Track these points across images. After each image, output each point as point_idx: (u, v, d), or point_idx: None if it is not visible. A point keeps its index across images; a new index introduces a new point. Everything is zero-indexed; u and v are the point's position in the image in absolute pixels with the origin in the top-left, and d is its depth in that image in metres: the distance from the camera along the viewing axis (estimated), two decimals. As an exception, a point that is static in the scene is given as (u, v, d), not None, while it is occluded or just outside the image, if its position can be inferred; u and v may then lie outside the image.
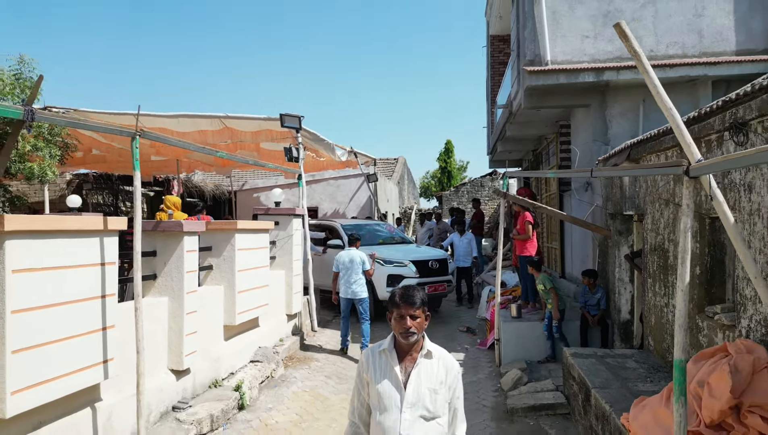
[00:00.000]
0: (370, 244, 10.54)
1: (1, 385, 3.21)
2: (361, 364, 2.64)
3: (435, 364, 2.54)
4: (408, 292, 2.53)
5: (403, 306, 2.49)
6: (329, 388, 6.60)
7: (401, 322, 2.49)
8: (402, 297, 2.51)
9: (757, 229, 3.78)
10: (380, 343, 2.64)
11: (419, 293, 2.53)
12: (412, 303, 2.48)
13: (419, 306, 2.50)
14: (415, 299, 2.50)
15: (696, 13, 8.15)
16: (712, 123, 4.32)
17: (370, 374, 2.56)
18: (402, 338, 2.51)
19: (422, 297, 2.54)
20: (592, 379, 5.06)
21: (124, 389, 4.38)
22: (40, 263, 3.45)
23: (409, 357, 2.56)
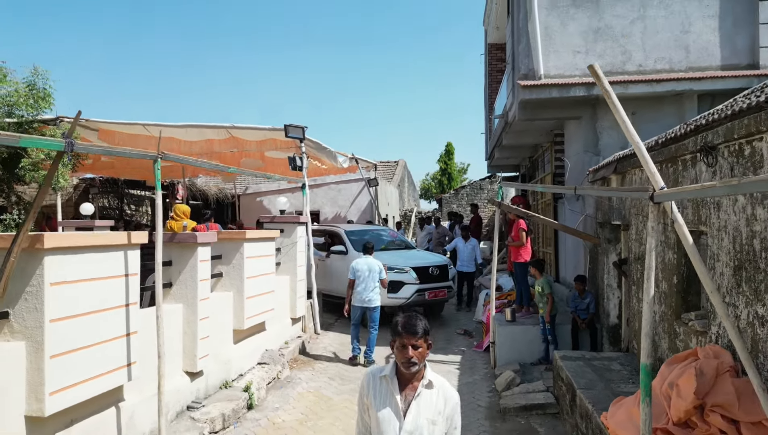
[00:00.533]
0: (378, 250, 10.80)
1: (41, 387, 3.58)
2: (362, 387, 2.66)
3: (435, 394, 2.56)
4: (411, 321, 2.54)
5: (406, 336, 2.50)
6: (332, 389, 6.97)
7: (403, 351, 2.50)
8: (404, 326, 2.52)
9: (724, 244, 4.14)
10: (382, 369, 2.65)
11: (421, 323, 2.55)
12: (414, 333, 2.50)
13: (421, 336, 2.51)
14: (417, 329, 2.51)
15: (683, 29, 8.51)
16: (687, 144, 4.68)
17: (370, 399, 2.59)
18: (404, 368, 2.52)
19: (424, 327, 2.55)
20: (578, 380, 5.43)
21: (144, 390, 4.75)
22: (74, 276, 3.82)
23: (411, 386, 2.58)
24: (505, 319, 8.02)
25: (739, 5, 8.41)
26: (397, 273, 9.86)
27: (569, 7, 8.71)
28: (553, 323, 7.48)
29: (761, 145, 3.60)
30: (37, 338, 3.58)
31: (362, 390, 2.66)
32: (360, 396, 2.69)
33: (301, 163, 9.80)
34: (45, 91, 10.42)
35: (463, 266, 11.90)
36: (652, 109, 8.38)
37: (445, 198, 28.67)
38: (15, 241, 3.34)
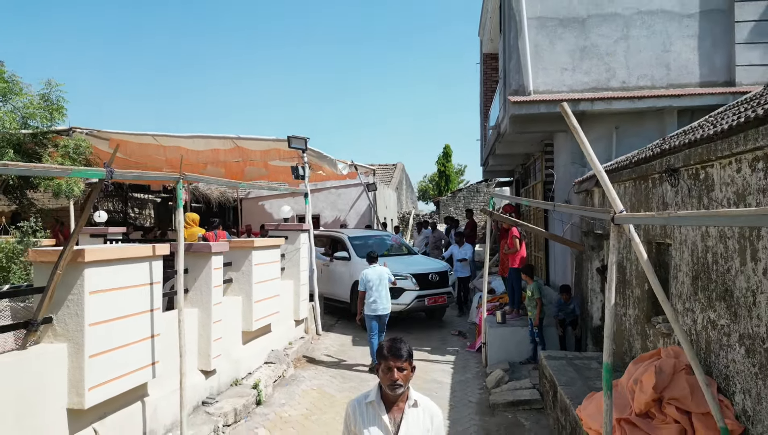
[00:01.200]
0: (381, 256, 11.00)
1: (81, 383, 4.08)
2: (347, 416, 2.71)
3: (421, 413, 2.65)
4: (395, 345, 2.64)
5: (391, 359, 2.58)
6: (334, 387, 7.48)
7: (389, 374, 2.58)
8: (390, 350, 2.61)
9: (684, 256, 4.66)
10: (366, 395, 2.73)
11: (405, 346, 2.65)
12: (399, 356, 2.59)
13: (406, 359, 2.60)
14: (402, 352, 2.60)
15: (664, 48, 9.03)
16: (655, 165, 5.19)
17: (357, 427, 2.64)
18: (389, 390, 2.59)
19: (409, 350, 2.65)
20: (560, 377, 5.94)
21: (165, 387, 5.25)
22: (108, 285, 4.32)
23: (396, 407, 2.65)
24: (496, 321, 8.53)
25: (717, 26, 8.93)
26: (398, 279, 10.26)
27: (557, 26, 9.23)
28: (541, 325, 7.99)
29: (713, 171, 4.11)
30: (78, 340, 4.08)
31: (347, 419, 2.71)
32: (345, 426, 2.73)
33: (304, 172, 10.30)
34: (58, 103, 10.92)
35: (458, 271, 12.36)
36: (635, 124, 8.89)
37: (442, 201, 29.20)
38: (62, 256, 3.83)
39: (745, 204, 3.64)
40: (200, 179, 6.00)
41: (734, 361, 3.81)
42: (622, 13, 9.11)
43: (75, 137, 10.98)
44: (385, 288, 8.27)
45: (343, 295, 10.75)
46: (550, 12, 9.25)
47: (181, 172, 4.95)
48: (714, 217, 2.70)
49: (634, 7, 9.08)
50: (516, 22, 9.29)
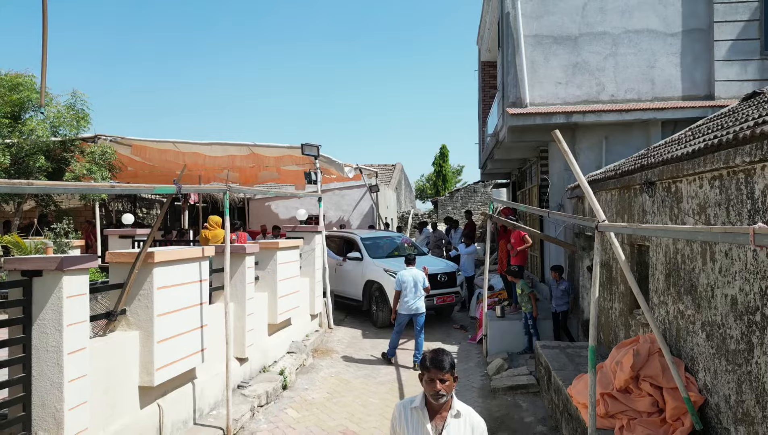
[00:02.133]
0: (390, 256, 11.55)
1: (151, 364, 4.83)
2: (393, 417, 2.86)
3: (463, 422, 2.76)
4: (438, 357, 2.76)
5: (434, 370, 2.71)
6: (350, 374, 8.25)
7: (432, 385, 2.70)
8: (432, 362, 2.74)
9: (659, 257, 5.45)
10: (412, 400, 2.85)
11: (448, 358, 2.77)
12: (441, 368, 2.71)
13: (448, 370, 2.72)
14: (444, 364, 2.72)
15: (649, 64, 9.83)
16: (636, 177, 5.97)
17: (402, 429, 2.79)
18: (432, 399, 2.72)
19: (451, 361, 2.76)
20: (553, 363, 6.73)
21: (209, 371, 6.01)
22: (170, 282, 5.07)
23: (439, 416, 2.77)
24: (495, 316, 9.32)
25: (698, 44, 9.74)
26: None
27: (552, 44, 10.01)
28: (535, 319, 8.77)
29: (681, 185, 4.89)
30: (148, 329, 4.83)
31: (394, 420, 2.86)
32: (392, 426, 2.88)
33: (316, 177, 11.06)
34: (83, 111, 11.65)
35: (465, 271, 13.06)
36: (623, 134, 9.68)
37: (440, 201, 29.98)
38: (137, 258, 4.59)
39: (705, 214, 4.43)
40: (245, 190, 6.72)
41: (698, 345, 4.61)
42: (611, 32, 9.91)
43: (100, 144, 11.70)
44: (419, 289, 8.77)
45: (356, 294, 11.37)
46: (545, 30, 10.03)
47: (228, 184, 5.70)
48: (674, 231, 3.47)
49: (621, 26, 9.87)
50: (514, 40, 10.06)
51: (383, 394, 7.53)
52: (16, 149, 10.56)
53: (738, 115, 5.51)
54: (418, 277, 8.83)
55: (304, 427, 6.24)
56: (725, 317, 4.11)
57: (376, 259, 11.01)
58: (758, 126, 3.48)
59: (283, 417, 6.47)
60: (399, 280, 8.75)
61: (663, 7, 9.77)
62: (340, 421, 6.50)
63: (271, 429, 6.11)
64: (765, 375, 3.55)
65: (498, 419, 6.64)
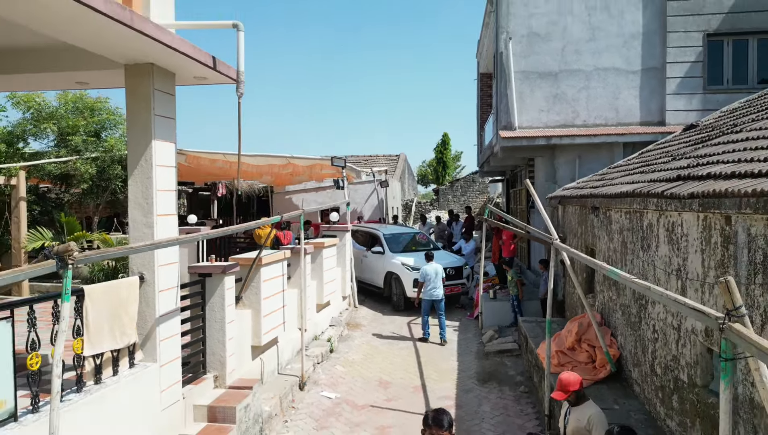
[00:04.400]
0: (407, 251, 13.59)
1: (259, 330, 7.30)
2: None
3: None
4: (438, 416, 3.05)
5: (434, 427, 2.99)
6: (377, 342, 10.79)
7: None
8: (434, 420, 3.02)
9: (599, 259, 7.91)
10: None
11: (447, 417, 3.07)
12: (441, 426, 3.00)
13: (447, 428, 2.98)
14: (443, 423, 3.04)
15: (614, 96, 12.20)
16: (590, 200, 8.40)
17: None
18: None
19: (450, 421, 3.08)
20: (530, 333, 9.23)
21: (285, 338, 8.50)
22: (268, 276, 7.54)
23: None
24: (489, 298, 11.83)
25: (654, 80, 12.10)
26: None
27: (536, 78, 12.36)
28: (520, 300, 11.28)
29: (611, 213, 7.34)
30: (257, 308, 7.30)
31: None
32: None
33: (343, 184, 13.47)
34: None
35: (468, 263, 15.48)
36: (592, 153, 12.09)
37: (441, 190, 32.41)
38: (254, 261, 7.04)
39: (622, 235, 6.89)
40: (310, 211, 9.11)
41: (617, 319, 7.11)
42: (584, 69, 12.26)
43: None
44: (439, 280, 10.93)
45: (378, 282, 13.71)
46: (531, 67, 12.37)
47: (302, 210, 8.12)
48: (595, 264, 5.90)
49: (593, 64, 12.22)
50: (506, 74, 12.41)
51: (404, 356, 10.07)
52: (100, 161, 12.95)
53: (666, 149, 7.96)
54: (438, 270, 11.11)
55: (350, 377, 8.79)
56: (630, 301, 6.60)
57: (396, 253, 13.39)
58: (643, 188, 5.91)
59: (334, 371, 9.01)
60: (423, 273, 10.98)
61: (626, 49, 12.11)
62: (375, 374, 9.04)
63: (328, 378, 8.64)
64: (646, 337, 6.05)
65: (489, 373, 9.18)
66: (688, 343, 5.14)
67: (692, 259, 4.97)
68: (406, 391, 8.42)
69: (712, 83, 11.98)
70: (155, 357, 5.21)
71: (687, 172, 5.46)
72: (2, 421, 3.74)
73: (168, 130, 5.43)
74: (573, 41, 12.23)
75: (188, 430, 5.64)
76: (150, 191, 5.20)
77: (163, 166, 5.33)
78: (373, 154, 33.87)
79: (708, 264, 4.68)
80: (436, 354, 10.25)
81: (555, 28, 12.25)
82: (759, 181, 3.99)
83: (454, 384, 8.78)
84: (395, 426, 7.19)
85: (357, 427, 7.13)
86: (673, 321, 5.47)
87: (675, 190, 5.10)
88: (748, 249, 4.05)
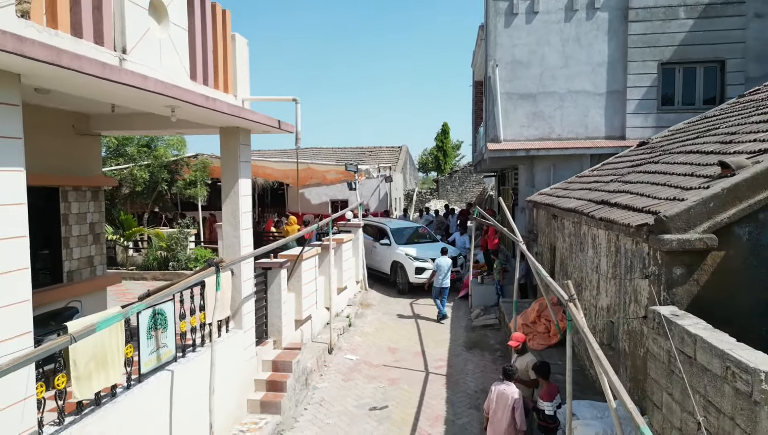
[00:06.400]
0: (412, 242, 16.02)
1: (300, 308, 9.81)
2: None
3: None
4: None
5: None
6: (386, 318, 13.31)
7: None
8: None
9: (558, 253, 10.38)
10: None
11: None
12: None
13: None
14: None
15: (584, 114, 14.55)
16: (551, 209, 10.83)
17: None
18: None
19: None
20: (506, 311, 11.72)
21: (315, 314, 11.00)
22: (307, 267, 10.02)
23: None
24: (477, 282, 14.33)
25: (617, 101, 14.44)
26: (422, 262, 15.20)
27: (518, 99, 14.70)
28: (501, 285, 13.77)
29: (564, 221, 9.78)
30: (299, 291, 9.78)
31: None
32: None
33: (355, 186, 15.89)
34: (180, 137, 16.40)
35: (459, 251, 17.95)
36: (565, 163, 14.46)
37: (441, 181, 34.82)
38: (298, 257, 9.50)
39: (570, 239, 9.33)
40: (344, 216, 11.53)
41: (567, 299, 9.58)
42: (559, 92, 14.58)
43: (200, 159, 16.51)
44: (448, 272, 13.54)
45: (385, 269, 16.14)
46: (514, 90, 14.70)
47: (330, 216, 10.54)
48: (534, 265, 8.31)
49: (566, 88, 14.54)
50: (493, 95, 14.75)
51: (408, 329, 12.59)
52: (151, 167, 15.38)
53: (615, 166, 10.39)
54: (449, 263, 13.63)
55: (366, 345, 11.32)
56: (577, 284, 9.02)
57: (400, 244, 15.85)
58: (580, 207, 8.34)
59: (353, 340, 11.53)
60: (437, 265, 13.50)
61: (594, 75, 14.43)
62: (385, 342, 11.58)
63: (349, 345, 11.17)
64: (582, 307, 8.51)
65: (474, 342, 11.71)
66: (600, 317, 7.64)
67: (603, 260, 7.45)
68: (409, 355, 10.95)
69: (665, 104, 14.31)
70: (241, 325, 7.69)
71: (608, 198, 7.90)
72: (168, 362, 6.23)
73: (247, 170, 7.84)
74: (549, 68, 14.53)
75: (260, 376, 8.16)
76: (237, 213, 7.63)
77: (244, 195, 7.76)
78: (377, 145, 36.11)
79: (609, 264, 7.16)
80: (433, 328, 12.78)
81: (534, 57, 14.56)
82: (633, 215, 6.43)
83: (446, 350, 11.31)
84: (401, 379, 9.72)
85: (374, 379, 9.67)
86: (593, 301, 7.97)
87: (594, 213, 7.57)
88: (624, 257, 6.53)
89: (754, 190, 5.19)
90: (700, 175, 6.40)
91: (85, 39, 4.65)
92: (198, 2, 6.46)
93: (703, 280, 5.29)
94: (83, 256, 8.24)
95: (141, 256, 15.42)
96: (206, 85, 6.61)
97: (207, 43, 6.64)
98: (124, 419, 5.19)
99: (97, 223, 8.31)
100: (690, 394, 4.25)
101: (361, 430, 7.90)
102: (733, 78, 13.87)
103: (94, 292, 8.22)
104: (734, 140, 7.39)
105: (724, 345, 3.95)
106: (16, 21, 3.97)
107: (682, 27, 13.94)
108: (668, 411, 4.78)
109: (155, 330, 5.91)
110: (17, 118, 4.00)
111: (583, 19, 14.29)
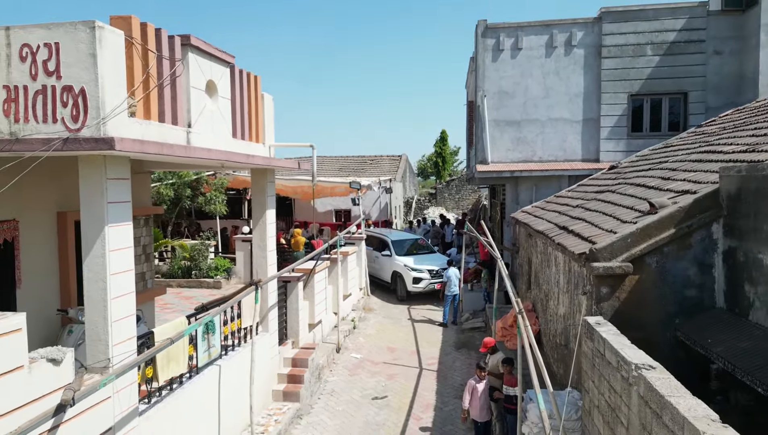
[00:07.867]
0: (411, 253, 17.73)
1: (313, 314, 11.56)
2: None
3: None
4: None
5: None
6: (387, 322, 15.08)
7: None
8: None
9: (534, 266, 12.15)
10: None
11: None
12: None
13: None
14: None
15: (563, 139, 16.30)
16: (527, 228, 12.58)
17: None
18: None
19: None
20: (492, 315, 13.47)
21: (324, 319, 12.76)
22: (319, 279, 11.78)
23: None
24: (468, 289, 16.09)
25: (592, 128, 16.19)
26: (419, 273, 16.96)
27: (505, 126, 16.46)
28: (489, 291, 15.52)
29: (536, 239, 11.54)
30: (312, 300, 11.54)
31: None
32: None
33: (359, 202, 17.66)
34: None
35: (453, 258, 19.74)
36: (546, 183, 16.20)
37: (438, 189, 36.56)
38: (312, 270, 11.26)
39: (541, 255, 11.09)
40: None
41: (539, 307, 11.35)
42: (540, 119, 16.34)
43: (218, 178, 18.28)
44: (457, 281, 15.16)
45: (386, 278, 17.89)
46: (500, 117, 16.46)
47: (339, 235, 12.29)
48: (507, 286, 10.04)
49: (547, 115, 16.29)
50: (482, 122, 16.51)
51: (405, 332, 14.36)
52: (175, 186, 17.16)
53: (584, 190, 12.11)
54: (457, 274, 15.32)
55: (369, 345, 13.09)
56: (545, 295, 10.84)
57: (400, 255, 17.61)
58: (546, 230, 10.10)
59: (357, 341, 13.30)
60: (447, 276, 15.09)
61: (572, 105, 16.18)
62: (386, 342, 13.36)
63: (354, 345, 12.94)
64: (548, 318, 10.28)
65: (463, 343, 13.48)
66: (560, 322, 9.41)
67: (561, 276, 9.21)
68: (406, 354, 12.72)
69: (634, 130, 16.06)
70: (268, 329, 9.45)
71: (568, 224, 9.65)
72: (216, 359, 7.98)
73: (272, 202, 9.60)
74: (532, 98, 16.28)
75: (282, 371, 9.92)
76: (265, 237, 9.39)
77: (270, 223, 9.52)
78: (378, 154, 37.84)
79: (564, 280, 8.93)
80: (426, 330, 14.55)
81: (519, 88, 16.31)
82: (580, 243, 8.18)
83: (438, 349, 13.07)
84: (399, 374, 11.49)
85: (376, 374, 11.43)
86: (557, 310, 9.73)
87: (555, 237, 9.33)
88: (573, 276, 8.29)
89: (660, 230, 6.94)
90: (637, 210, 8.14)
91: (167, 122, 6.41)
92: (237, 74, 8.21)
93: (623, 297, 7.04)
94: (137, 273, 9.98)
95: (166, 264, 17.18)
96: (244, 140, 8.37)
97: (244, 105, 8.40)
98: (188, 400, 6.96)
99: (147, 244, 10.06)
100: (601, 380, 6.01)
101: (365, 415, 9.67)
102: (695, 108, 15.62)
103: (146, 302, 9.97)
104: (672, 177, 9.14)
105: (618, 345, 5.70)
106: (128, 120, 5.73)
107: (649, 63, 15.68)
108: (592, 393, 6.54)
109: (207, 334, 7.68)
110: (128, 187, 5.77)
111: (561, 55, 16.04)
